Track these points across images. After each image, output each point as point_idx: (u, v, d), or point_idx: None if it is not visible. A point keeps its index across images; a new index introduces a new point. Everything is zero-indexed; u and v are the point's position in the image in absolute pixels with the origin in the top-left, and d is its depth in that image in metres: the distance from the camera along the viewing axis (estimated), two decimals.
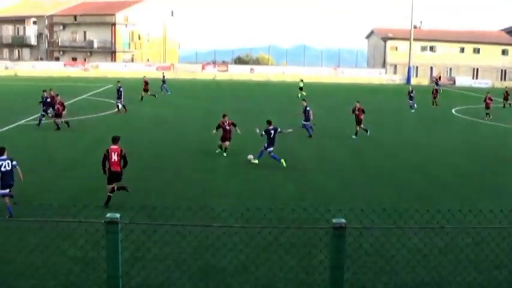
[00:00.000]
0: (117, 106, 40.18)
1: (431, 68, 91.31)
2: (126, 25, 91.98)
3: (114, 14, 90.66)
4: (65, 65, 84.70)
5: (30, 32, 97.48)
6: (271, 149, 23.69)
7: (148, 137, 30.13)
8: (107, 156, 17.93)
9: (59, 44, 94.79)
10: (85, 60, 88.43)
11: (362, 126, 31.56)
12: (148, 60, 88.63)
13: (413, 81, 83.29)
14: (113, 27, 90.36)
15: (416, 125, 38.89)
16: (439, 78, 77.61)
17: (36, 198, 17.16)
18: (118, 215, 7.23)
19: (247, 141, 26.07)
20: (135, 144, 24.90)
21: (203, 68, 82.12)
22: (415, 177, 22.01)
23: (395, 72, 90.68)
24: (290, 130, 25.19)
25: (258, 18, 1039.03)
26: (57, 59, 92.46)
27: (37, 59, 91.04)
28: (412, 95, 46.27)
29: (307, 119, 31.58)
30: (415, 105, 45.72)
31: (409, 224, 12.13)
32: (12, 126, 32.86)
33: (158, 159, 24.22)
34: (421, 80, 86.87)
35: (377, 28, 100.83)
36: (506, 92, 52.51)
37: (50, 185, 19.75)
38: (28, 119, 35.61)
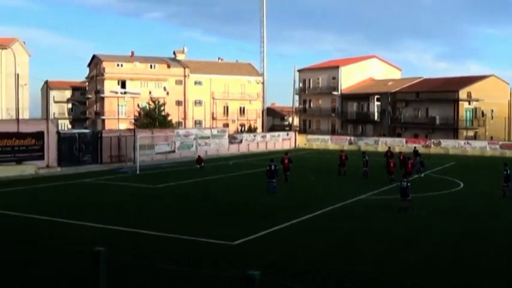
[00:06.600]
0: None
1: None
2: (469, 101, 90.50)
3: (457, 91, 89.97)
4: (406, 141, 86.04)
5: (374, 108, 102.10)
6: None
7: None
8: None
9: (401, 120, 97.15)
10: (427, 136, 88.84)
11: None
12: (491, 138, 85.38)
13: None
14: (456, 103, 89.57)
15: None
16: None
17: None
18: None
19: None
20: None
21: None
22: None
23: None
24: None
25: None
26: (399, 135, 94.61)
27: (380, 135, 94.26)
28: None
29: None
30: None
31: None
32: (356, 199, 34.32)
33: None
34: None
35: None
36: None
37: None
38: (370, 193, 36.94)
